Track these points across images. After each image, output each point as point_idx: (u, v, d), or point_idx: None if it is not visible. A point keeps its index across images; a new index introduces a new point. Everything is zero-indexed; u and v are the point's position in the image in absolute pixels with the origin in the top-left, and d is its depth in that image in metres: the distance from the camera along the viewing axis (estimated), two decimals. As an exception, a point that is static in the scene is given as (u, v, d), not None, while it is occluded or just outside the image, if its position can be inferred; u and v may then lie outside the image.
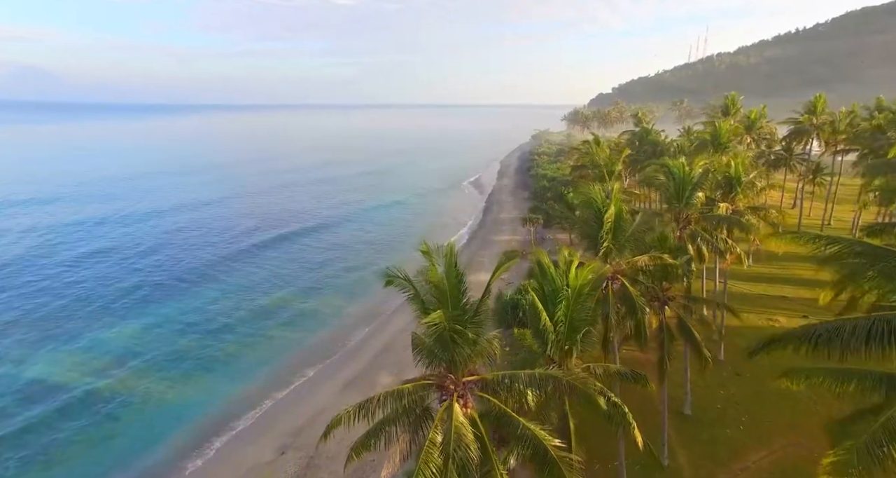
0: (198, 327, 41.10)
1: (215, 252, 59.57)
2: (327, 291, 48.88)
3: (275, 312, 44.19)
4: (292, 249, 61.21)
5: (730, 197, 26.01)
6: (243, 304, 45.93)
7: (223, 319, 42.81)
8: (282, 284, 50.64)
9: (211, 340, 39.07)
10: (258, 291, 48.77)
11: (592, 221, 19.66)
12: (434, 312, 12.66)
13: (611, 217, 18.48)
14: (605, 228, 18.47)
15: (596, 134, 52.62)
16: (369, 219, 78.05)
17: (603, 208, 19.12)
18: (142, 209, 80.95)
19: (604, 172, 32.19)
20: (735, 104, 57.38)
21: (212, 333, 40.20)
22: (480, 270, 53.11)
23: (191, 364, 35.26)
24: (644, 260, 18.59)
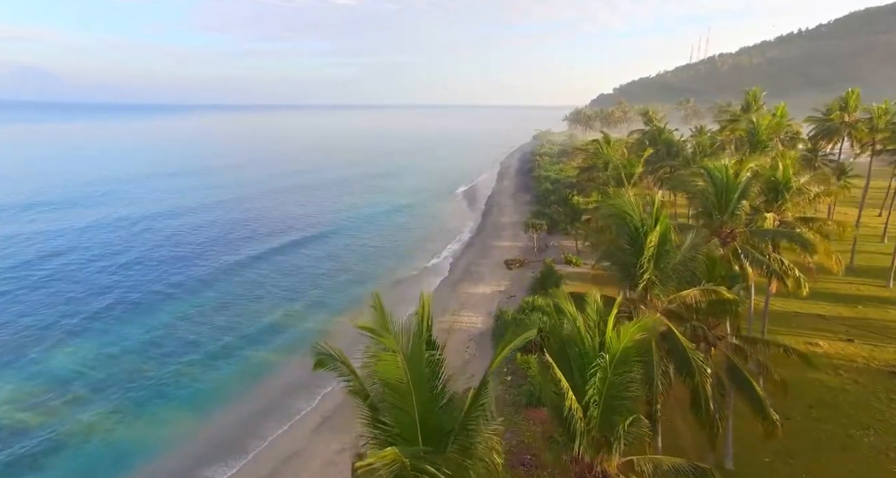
0: (162, 347, 36.69)
1: (197, 262, 54.89)
2: (313, 307, 44.30)
3: (252, 330, 39.72)
4: (280, 260, 56.05)
5: (776, 205, 21.63)
6: (218, 320, 41.50)
7: (193, 337, 38.37)
8: (264, 299, 46.10)
9: (174, 362, 34.65)
10: (237, 306, 44.32)
11: (626, 242, 15.09)
12: (387, 444, 7.93)
13: (655, 240, 13.94)
14: (647, 253, 14.02)
15: (606, 133, 48.43)
16: (365, 226, 72.83)
17: (642, 227, 14.61)
18: (130, 214, 75.80)
19: (621, 175, 27.91)
20: (757, 101, 52.71)
21: (177, 353, 35.77)
22: (479, 281, 48.71)
23: (147, 392, 30.85)
24: (694, 295, 14.18)
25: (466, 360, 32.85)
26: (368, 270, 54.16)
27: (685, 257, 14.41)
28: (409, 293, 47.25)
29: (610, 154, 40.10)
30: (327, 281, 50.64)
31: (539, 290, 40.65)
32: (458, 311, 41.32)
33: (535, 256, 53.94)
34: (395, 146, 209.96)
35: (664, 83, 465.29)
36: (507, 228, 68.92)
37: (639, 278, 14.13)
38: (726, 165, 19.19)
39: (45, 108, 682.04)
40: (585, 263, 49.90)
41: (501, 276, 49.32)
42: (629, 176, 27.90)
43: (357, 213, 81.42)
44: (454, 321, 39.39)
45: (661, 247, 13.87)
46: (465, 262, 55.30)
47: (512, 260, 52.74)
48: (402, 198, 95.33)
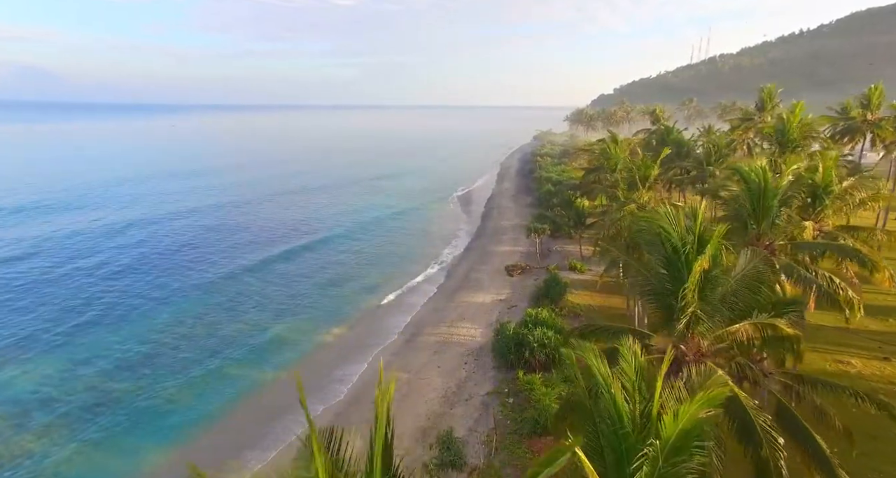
0: (136, 362, 33.93)
1: (187, 271, 51.64)
2: (305, 321, 41.31)
3: (236, 344, 36.92)
4: (272, 269, 52.28)
5: (814, 212, 18.87)
6: (200, 332, 38.75)
7: (171, 352, 35.62)
8: (251, 309, 43.28)
9: (149, 378, 31.92)
10: (221, 317, 41.49)
11: (661, 265, 12.10)
12: None
13: (703, 265, 10.91)
14: (692, 282, 11.04)
15: (613, 132, 45.74)
16: (362, 230, 68.76)
17: (683, 248, 11.65)
18: (120, 219, 72.13)
19: (635, 178, 25.18)
20: (772, 99, 49.91)
21: (153, 369, 33.02)
22: (479, 288, 45.94)
23: (113, 418, 28.09)
24: (746, 330, 11.31)
25: (463, 379, 30.08)
26: (363, 278, 51.29)
27: (740, 285, 11.51)
28: (407, 301, 44.62)
29: (618, 154, 37.42)
30: (319, 291, 47.72)
31: (542, 299, 37.92)
32: (456, 322, 38.56)
33: (537, 261, 51.22)
34: (395, 146, 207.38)
35: (665, 83, 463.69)
36: (508, 231, 66.17)
37: (679, 312, 11.22)
38: (763, 167, 16.44)
39: (45, 109, 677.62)
40: (590, 270, 47.16)
41: (502, 283, 46.57)
42: (644, 179, 25.24)
43: (354, 216, 78.36)
44: (451, 334, 36.65)
45: (708, 272, 10.99)
46: (463, 268, 52.55)
47: (513, 266, 49.99)
48: (400, 200, 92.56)
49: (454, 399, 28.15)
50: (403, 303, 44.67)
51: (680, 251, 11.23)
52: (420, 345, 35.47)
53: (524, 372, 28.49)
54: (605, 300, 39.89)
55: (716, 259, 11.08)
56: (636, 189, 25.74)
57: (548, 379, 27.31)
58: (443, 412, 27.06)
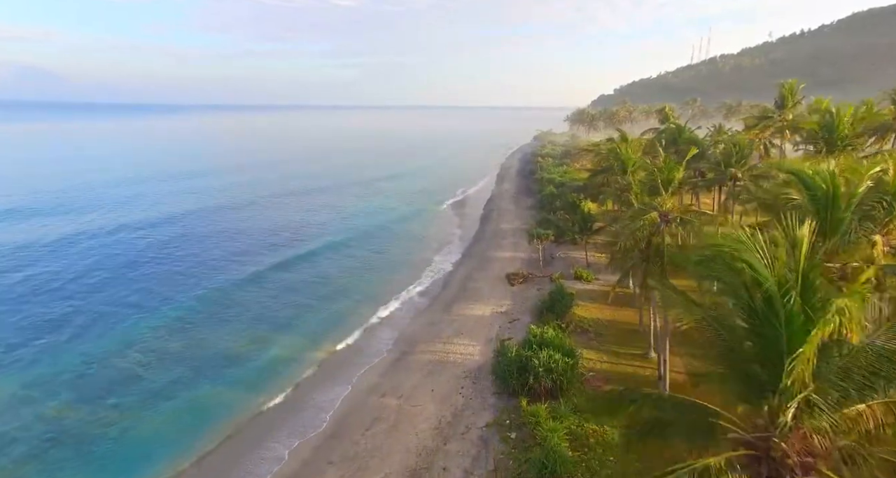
0: (101, 388, 30.63)
1: (169, 281, 47.88)
2: (290, 337, 37.84)
3: (215, 364, 33.62)
4: (258, 280, 48.39)
5: (884, 224, 15.52)
6: (173, 347, 35.50)
7: (138, 370, 32.35)
8: (233, 324, 39.88)
9: (111, 408, 28.60)
10: (202, 332, 38.16)
11: (742, 318, 8.13)
12: None
13: (822, 332, 7.21)
14: (807, 354, 7.20)
15: (622, 130, 42.52)
16: (356, 237, 64.93)
17: (785, 298, 7.59)
18: (109, 223, 68.14)
19: (657, 181, 21.98)
20: (794, 95, 46.43)
21: (118, 397, 29.70)
22: (478, 299, 42.64)
23: (62, 455, 24.74)
24: (874, 413, 7.55)
25: (459, 407, 26.76)
26: (354, 289, 47.84)
27: (878, 356, 7.81)
28: (399, 314, 41.24)
29: (629, 154, 34.15)
30: (306, 304, 44.24)
31: (546, 313, 34.62)
32: (452, 338, 35.25)
33: (539, 269, 47.91)
34: (395, 147, 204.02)
35: (665, 84, 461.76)
36: (508, 235, 62.88)
37: (782, 396, 7.51)
38: (832, 172, 13.21)
39: (45, 108, 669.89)
40: (597, 279, 43.92)
41: (502, 293, 43.27)
42: (667, 183, 22.05)
43: (350, 221, 74.65)
44: (446, 352, 33.34)
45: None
46: (461, 276, 49.24)
47: (514, 274, 46.70)
48: (397, 202, 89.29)
49: (449, 432, 24.84)
50: (396, 316, 41.36)
51: (778, 301, 7.79)
52: (412, 364, 32.17)
53: (528, 400, 25.24)
54: (614, 313, 36.61)
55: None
56: (657, 194, 22.52)
57: (555, 409, 24.04)
58: (436, 448, 23.76)
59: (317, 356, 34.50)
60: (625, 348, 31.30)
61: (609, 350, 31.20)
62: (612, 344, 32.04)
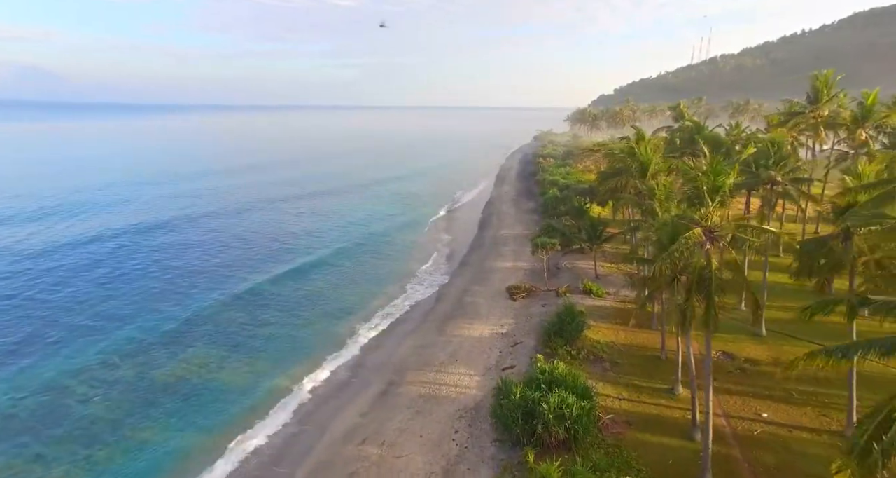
0: (20, 425, 26.10)
1: (131, 298, 43.03)
2: (262, 361, 33.43)
3: (168, 393, 29.20)
4: (236, 292, 43.82)
5: None
6: (127, 374, 31.10)
7: (79, 405, 27.85)
8: (199, 344, 35.48)
9: (26, 453, 24.07)
10: (159, 355, 33.70)
11: None
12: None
13: None
14: None
15: (638, 128, 38.09)
16: (349, 246, 59.97)
17: None
18: (88, 231, 62.65)
19: (701, 189, 17.54)
20: (829, 88, 41.53)
21: (38, 437, 25.18)
22: (475, 316, 38.13)
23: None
24: None
25: (452, 458, 22.24)
26: (341, 304, 43.36)
27: None
28: (389, 334, 36.68)
29: (648, 155, 29.69)
30: (288, 320, 39.94)
31: (555, 338, 30.10)
32: (446, 365, 30.76)
33: (544, 281, 43.39)
34: (394, 147, 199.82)
35: (666, 84, 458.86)
36: (509, 242, 58.41)
37: None
38: None
39: (44, 108, 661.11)
40: (608, 294, 39.53)
41: (503, 310, 38.78)
42: (714, 190, 17.62)
43: (344, 228, 69.93)
44: (439, 383, 28.85)
45: None
46: (457, 289, 44.74)
47: (516, 287, 42.20)
48: (393, 206, 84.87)
49: (437, 497, 20.34)
50: (385, 336, 36.92)
51: None
52: (399, 399, 27.66)
53: (536, 453, 20.77)
54: (631, 336, 32.15)
55: None
56: (700, 205, 18.05)
57: (568, 468, 19.58)
58: (422, 517, 19.29)
59: (291, 388, 29.97)
60: (647, 381, 26.83)
61: (628, 383, 26.73)
62: (632, 375, 27.57)
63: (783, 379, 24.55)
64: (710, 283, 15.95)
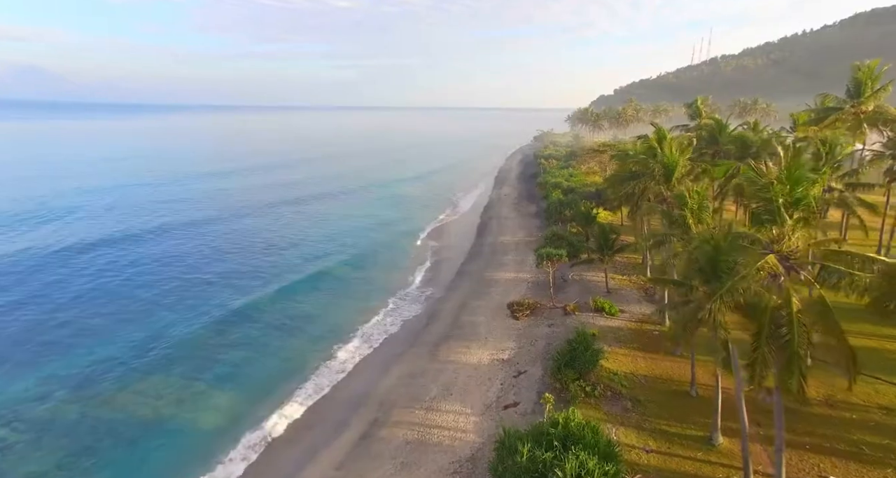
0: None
1: (95, 317, 38.70)
2: (223, 394, 29.12)
3: (111, 436, 24.84)
4: (209, 310, 39.42)
5: None
6: (66, 413, 26.74)
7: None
8: (157, 370, 31.21)
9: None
10: (107, 387, 29.33)
11: None
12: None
13: None
14: None
15: (658, 125, 33.80)
16: (339, 252, 55.93)
17: None
18: (62, 239, 58.00)
19: (771, 202, 13.34)
20: (874, 81, 36.80)
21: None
22: (473, 338, 33.78)
23: None
24: None
25: (444, 535, 17.86)
26: (324, 321, 39.14)
27: None
28: (374, 359, 32.23)
29: (674, 157, 25.40)
30: (263, 340, 35.63)
31: (566, 371, 25.69)
32: (438, 402, 26.39)
33: (549, 296, 38.94)
34: (393, 148, 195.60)
35: (666, 84, 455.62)
36: (510, 250, 54.10)
37: None
38: None
39: (43, 108, 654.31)
40: (622, 312, 35.15)
41: (504, 331, 34.40)
42: (791, 203, 13.43)
43: (331, 234, 66.08)
44: (429, 424, 24.48)
45: None
46: (453, 304, 40.36)
47: (518, 304, 37.75)
48: (388, 210, 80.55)
49: None
50: (369, 361, 32.60)
51: None
52: (381, 446, 23.30)
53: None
54: (653, 364, 27.79)
55: None
56: (769, 221, 13.79)
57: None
58: None
59: (255, 429, 25.58)
60: (677, 426, 22.45)
61: (655, 428, 22.38)
62: (658, 417, 23.20)
63: (846, 425, 20.27)
64: (792, 331, 11.62)
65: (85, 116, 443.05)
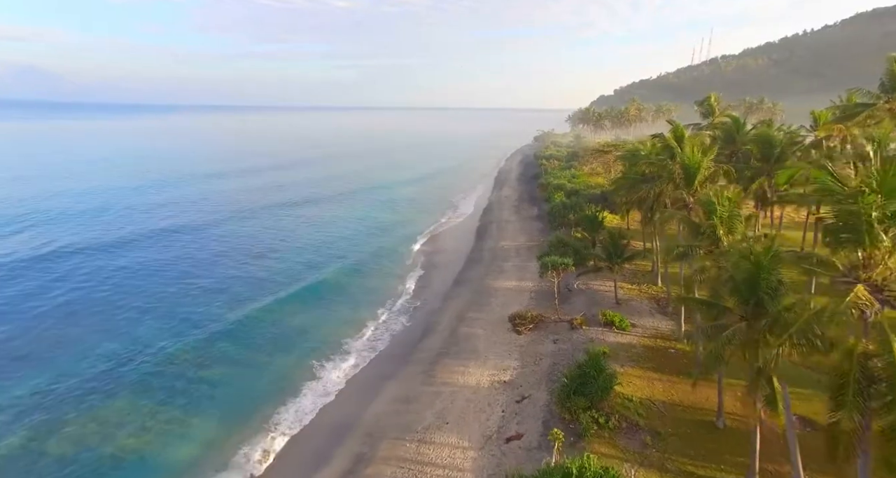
0: None
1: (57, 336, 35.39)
2: (194, 417, 26.35)
3: (66, 464, 21.95)
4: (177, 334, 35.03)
5: None
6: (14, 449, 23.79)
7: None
8: (124, 393, 28.33)
9: None
10: (61, 414, 26.40)
11: None
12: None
13: None
14: None
15: (675, 122, 30.96)
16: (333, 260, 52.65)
17: None
18: (41, 247, 54.18)
19: (865, 219, 10.24)
20: None
21: None
22: (471, 355, 30.94)
23: None
24: None
25: None
26: (309, 336, 36.29)
27: None
28: (358, 395, 29.32)
29: (696, 159, 22.57)
30: (242, 357, 32.78)
31: (575, 399, 22.82)
32: (431, 433, 23.52)
33: (554, 307, 36.05)
34: (392, 149, 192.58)
35: (667, 84, 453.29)
36: (511, 255, 51.27)
37: None
38: None
39: (43, 108, 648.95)
40: (634, 326, 32.34)
41: (506, 347, 31.55)
42: (888, 217, 10.57)
43: (325, 238, 63.18)
44: (421, 461, 21.62)
45: None
46: (450, 315, 37.49)
47: (520, 316, 34.90)
48: (385, 213, 77.70)
49: None
50: (358, 382, 29.75)
51: None
52: (367, 488, 20.42)
53: None
54: (671, 388, 24.94)
55: None
56: (852, 241, 10.96)
57: None
58: None
59: (226, 466, 22.70)
60: (705, 467, 19.60)
61: (681, 471, 19.53)
62: (682, 455, 20.36)
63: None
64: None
65: (84, 117, 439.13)
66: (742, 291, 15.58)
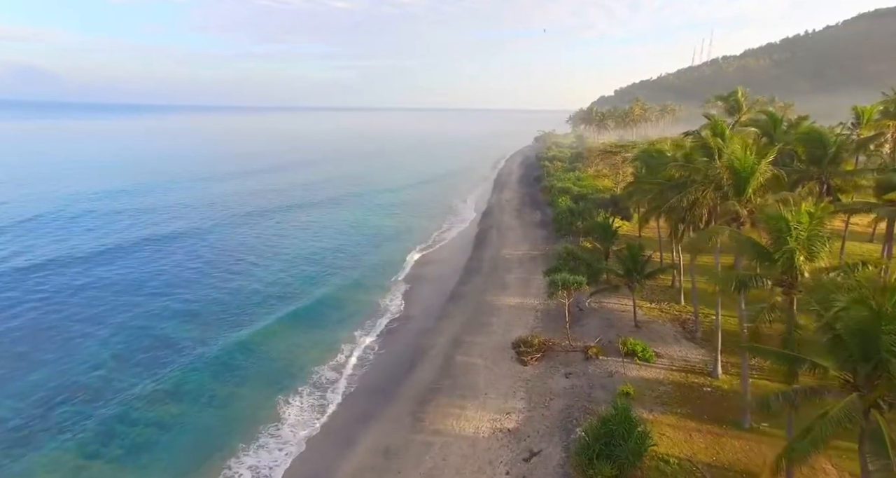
0: None
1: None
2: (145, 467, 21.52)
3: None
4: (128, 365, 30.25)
5: None
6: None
7: None
8: (46, 446, 23.43)
9: None
10: None
11: None
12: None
13: None
14: None
15: (713, 115, 26.37)
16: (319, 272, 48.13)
17: None
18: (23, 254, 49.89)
19: None
20: None
21: None
22: (468, 392, 26.29)
23: None
24: None
25: None
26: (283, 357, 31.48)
27: None
28: (330, 448, 24.36)
29: (749, 161, 17.87)
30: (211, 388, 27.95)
31: (599, 465, 17.95)
32: (418, 504, 18.66)
33: (564, 331, 31.19)
34: (391, 149, 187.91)
35: (667, 85, 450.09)
36: (513, 266, 46.45)
37: None
38: None
39: (43, 108, 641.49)
40: (658, 355, 27.59)
41: (509, 381, 26.72)
42: None
43: (316, 247, 58.47)
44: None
45: None
46: (445, 339, 32.63)
47: (526, 342, 30.04)
48: (381, 216, 73.01)
49: None
50: (331, 428, 24.83)
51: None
52: None
53: None
54: (715, 444, 20.17)
55: None
56: None
57: None
58: None
59: None
60: None
61: None
62: (742, 547, 15.54)
63: None
64: None
65: (84, 117, 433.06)
66: (853, 349, 10.97)
